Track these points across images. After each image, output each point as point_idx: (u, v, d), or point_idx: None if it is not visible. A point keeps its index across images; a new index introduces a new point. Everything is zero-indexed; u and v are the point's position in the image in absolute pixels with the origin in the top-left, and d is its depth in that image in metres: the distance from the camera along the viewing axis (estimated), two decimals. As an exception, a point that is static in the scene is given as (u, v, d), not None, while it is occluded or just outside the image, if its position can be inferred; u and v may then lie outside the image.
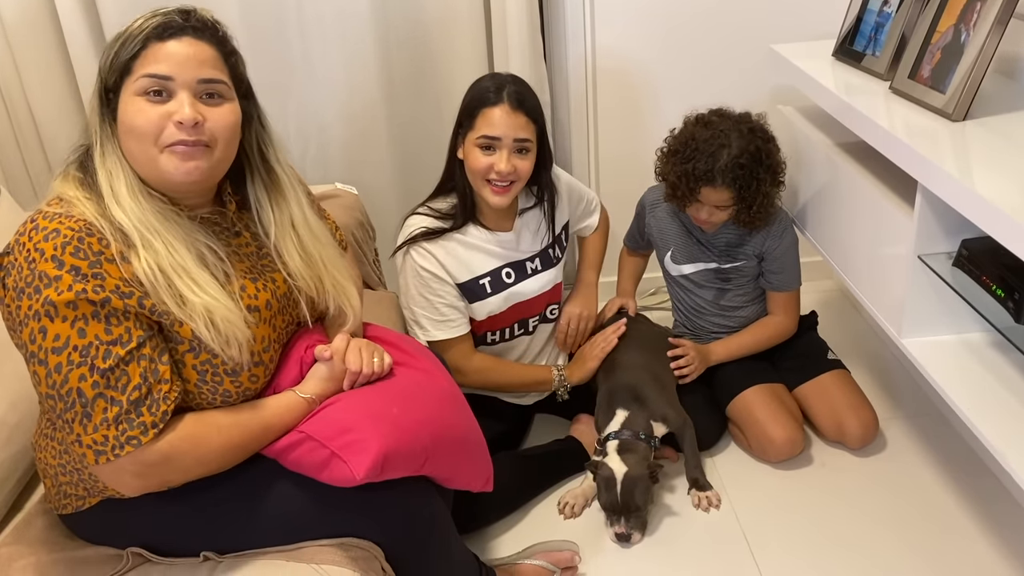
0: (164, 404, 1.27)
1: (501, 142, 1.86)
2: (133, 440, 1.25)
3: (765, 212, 2.02)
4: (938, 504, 1.99)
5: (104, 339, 1.23)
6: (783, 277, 2.15)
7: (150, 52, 1.28)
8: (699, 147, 1.96)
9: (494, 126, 1.85)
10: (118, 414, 1.24)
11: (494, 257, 2.02)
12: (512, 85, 1.87)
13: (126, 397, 1.24)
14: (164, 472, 1.30)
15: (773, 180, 2.00)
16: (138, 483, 1.31)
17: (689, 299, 2.25)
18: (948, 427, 2.21)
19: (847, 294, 2.79)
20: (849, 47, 2.03)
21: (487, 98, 1.85)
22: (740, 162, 1.93)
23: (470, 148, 1.89)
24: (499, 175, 1.88)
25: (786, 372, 2.21)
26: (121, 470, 1.27)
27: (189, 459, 1.31)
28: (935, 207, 1.57)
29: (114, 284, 1.23)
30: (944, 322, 1.69)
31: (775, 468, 2.11)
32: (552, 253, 2.11)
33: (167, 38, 1.29)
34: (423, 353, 1.63)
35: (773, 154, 2.00)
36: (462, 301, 2.01)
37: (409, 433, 1.40)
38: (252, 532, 1.41)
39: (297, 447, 1.37)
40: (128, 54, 1.28)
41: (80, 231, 1.24)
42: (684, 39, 2.49)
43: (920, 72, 1.74)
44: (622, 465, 1.88)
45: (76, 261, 1.22)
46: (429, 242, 1.95)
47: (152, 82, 1.28)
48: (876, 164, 1.82)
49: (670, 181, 2.05)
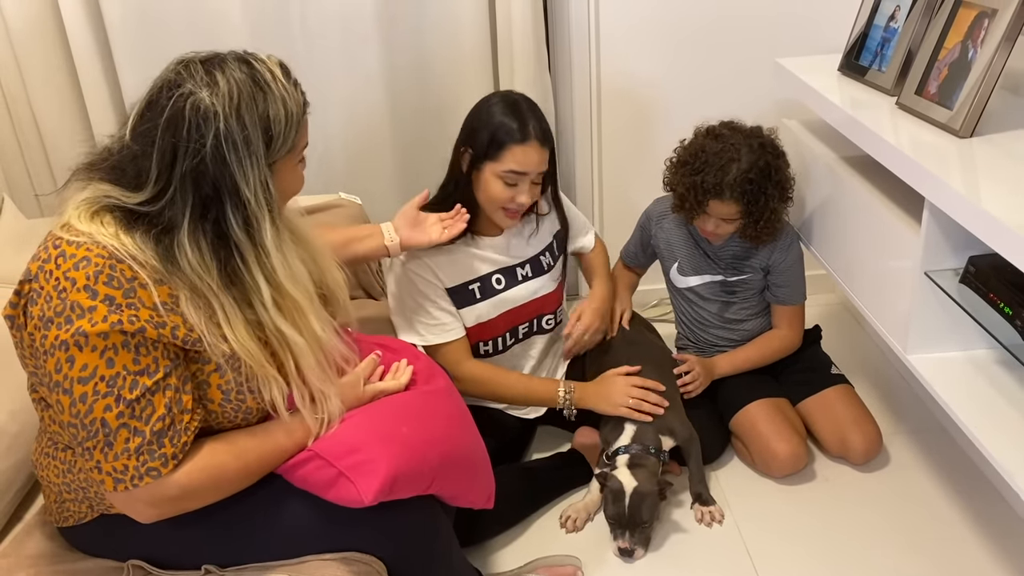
0: (185, 435, 1.27)
1: (527, 177, 1.88)
2: (153, 472, 1.24)
3: (772, 227, 2.01)
4: (942, 519, 1.98)
5: (132, 369, 1.21)
6: (789, 291, 2.14)
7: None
8: (709, 160, 1.96)
9: (523, 163, 1.86)
10: (140, 445, 1.23)
11: (485, 263, 2.02)
12: (534, 120, 1.87)
13: (149, 428, 1.23)
14: (180, 503, 1.30)
15: (781, 196, 2.00)
16: (152, 512, 1.30)
17: (694, 311, 2.24)
18: (952, 442, 2.20)
19: (850, 308, 2.78)
20: (855, 62, 2.03)
21: (513, 134, 1.84)
22: (749, 176, 1.92)
23: (490, 177, 1.89)
24: (520, 207, 1.91)
25: (790, 386, 2.21)
26: (136, 499, 1.27)
27: (206, 489, 1.31)
28: (942, 223, 1.56)
29: (148, 314, 1.22)
30: (950, 339, 1.68)
31: (778, 483, 2.10)
32: (543, 260, 2.10)
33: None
34: (432, 369, 1.62)
35: (782, 170, 1.99)
36: (454, 307, 2.01)
37: (418, 454, 1.39)
38: (255, 546, 1.40)
39: (304, 464, 1.36)
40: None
41: (110, 257, 1.21)
42: (689, 53, 2.49)
43: (927, 88, 1.74)
44: (632, 479, 1.87)
45: (110, 291, 1.20)
46: (424, 253, 1.96)
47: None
48: (882, 179, 1.81)
49: (678, 192, 2.05)
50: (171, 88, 1.24)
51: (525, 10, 2.30)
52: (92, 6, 2.18)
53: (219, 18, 2.24)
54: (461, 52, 2.40)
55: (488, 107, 1.90)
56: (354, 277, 2.14)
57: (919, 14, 1.84)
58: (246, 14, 2.25)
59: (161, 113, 1.23)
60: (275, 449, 1.36)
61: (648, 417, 1.96)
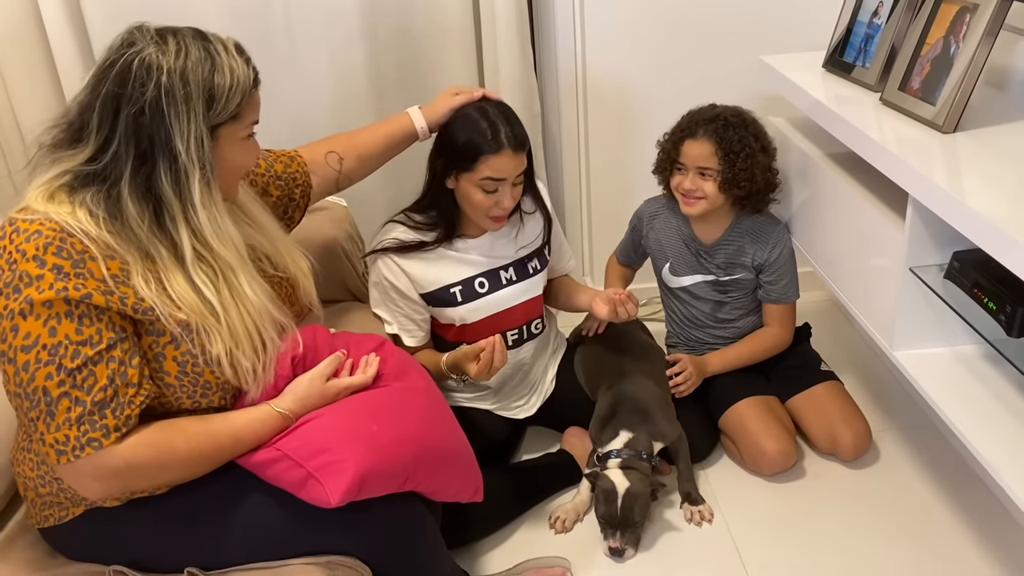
0: (129, 408, 1.27)
1: (505, 182, 1.87)
2: (94, 442, 1.25)
3: (752, 175, 1.98)
4: (931, 515, 1.98)
5: (74, 339, 1.24)
6: (780, 288, 2.13)
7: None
8: (689, 114, 2.05)
9: (499, 171, 1.85)
10: (81, 414, 1.24)
11: (467, 266, 2.00)
12: (506, 126, 1.84)
13: (91, 398, 1.24)
14: (126, 478, 1.31)
15: (760, 147, 2.00)
16: (99, 487, 1.31)
17: (686, 311, 2.24)
18: (940, 438, 2.20)
19: (838, 305, 2.77)
20: (839, 58, 2.03)
21: (487, 145, 1.83)
22: (724, 116, 1.97)
23: (469, 187, 1.88)
24: (504, 211, 1.90)
25: (779, 384, 2.20)
26: (81, 472, 1.27)
27: (152, 466, 1.31)
28: (926, 219, 1.56)
29: (96, 284, 1.24)
30: (936, 335, 1.68)
31: (768, 481, 2.09)
32: (529, 264, 2.07)
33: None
34: (407, 364, 1.61)
35: (762, 131, 2.02)
36: (424, 313, 2.02)
37: (388, 452, 1.38)
38: (237, 548, 1.40)
39: (274, 464, 1.36)
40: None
41: (61, 231, 1.25)
42: (674, 51, 2.48)
43: (910, 84, 1.74)
44: (624, 480, 1.86)
45: (59, 260, 1.23)
46: (399, 255, 1.95)
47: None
48: (867, 176, 1.81)
49: (659, 151, 2.11)
50: (124, 47, 1.29)
51: (509, 8, 2.29)
52: (73, 7, 2.17)
53: (200, 18, 2.20)
54: (446, 53, 2.39)
55: (458, 118, 1.88)
56: (340, 280, 2.13)
57: (902, 10, 1.84)
58: (226, 14, 2.24)
59: (111, 67, 1.28)
60: (230, 435, 1.37)
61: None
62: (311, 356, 1.51)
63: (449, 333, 2.06)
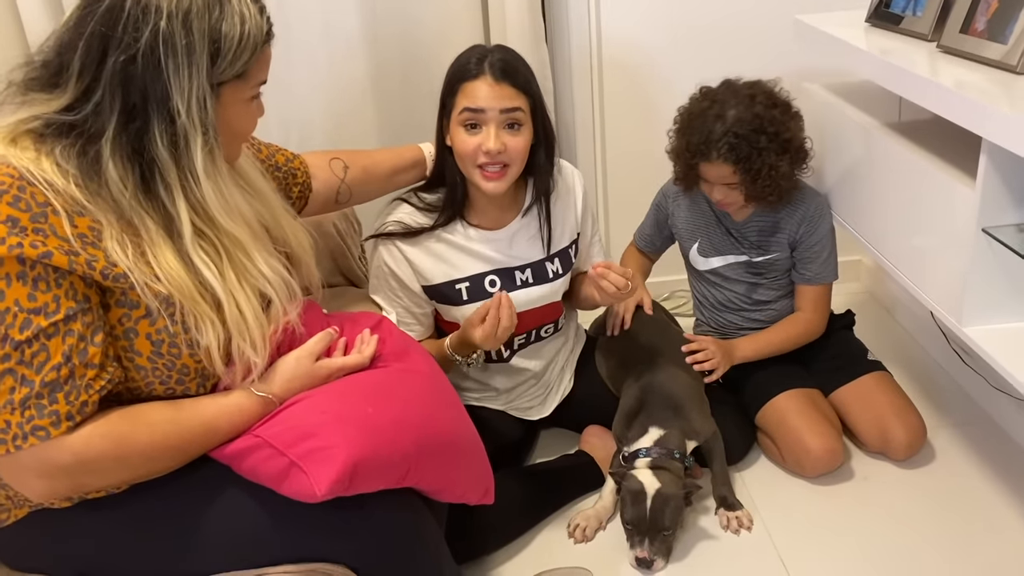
0: (86, 393, 1.09)
1: (486, 115, 1.66)
2: (40, 431, 1.06)
3: (776, 185, 1.82)
4: (995, 518, 1.80)
5: (25, 306, 1.06)
6: (816, 267, 1.95)
7: None
8: (694, 120, 1.84)
9: (476, 98, 1.66)
10: (26, 396, 1.06)
11: (479, 260, 1.81)
12: (496, 54, 1.68)
13: (40, 377, 1.06)
14: (76, 475, 1.12)
15: (780, 148, 1.80)
16: (42, 485, 1.12)
17: (718, 294, 2.06)
18: (1002, 435, 2.02)
19: (879, 297, 2.59)
20: (885, 10, 1.86)
21: (468, 71, 1.67)
22: (735, 131, 1.78)
23: (455, 130, 1.70)
24: (488, 155, 1.67)
25: (821, 375, 2.01)
26: (22, 466, 1.09)
27: (108, 461, 1.12)
28: (1002, 170, 1.38)
29: (57, 243, 1.06)
30: (1012, 306, 1.50)
31: (812, 483, 1.91)
32: (550, 268, 1.87)
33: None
34: (409, 346, 1.43)
35: (778, 120, 1.81)
36: (425, 307, 1.83)
37: (385, 438, 1.20)
38: (205, 555, 1.22)
39: (251, 453, 1.18)
40: None
41: (20, 178, 1.07)
42: (697, 17, 2.34)
43: (974, 25, 1.56)
44: (655, 480, 1.68)
45: (15, 212, 1.06)
46: (404, 241, 1.77)
47: None
48: (922, 138, 1.65)
49: (673, 161, 1.93)
50: None
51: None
52: (55, 8, 2.05)
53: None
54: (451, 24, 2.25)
55: (456, 58, 1.73)
56: (335, 263, 1.94)
57: (961, -53, 1.66)
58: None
59: (100, 2, 1.11)
60: (202, 424, 1.19)
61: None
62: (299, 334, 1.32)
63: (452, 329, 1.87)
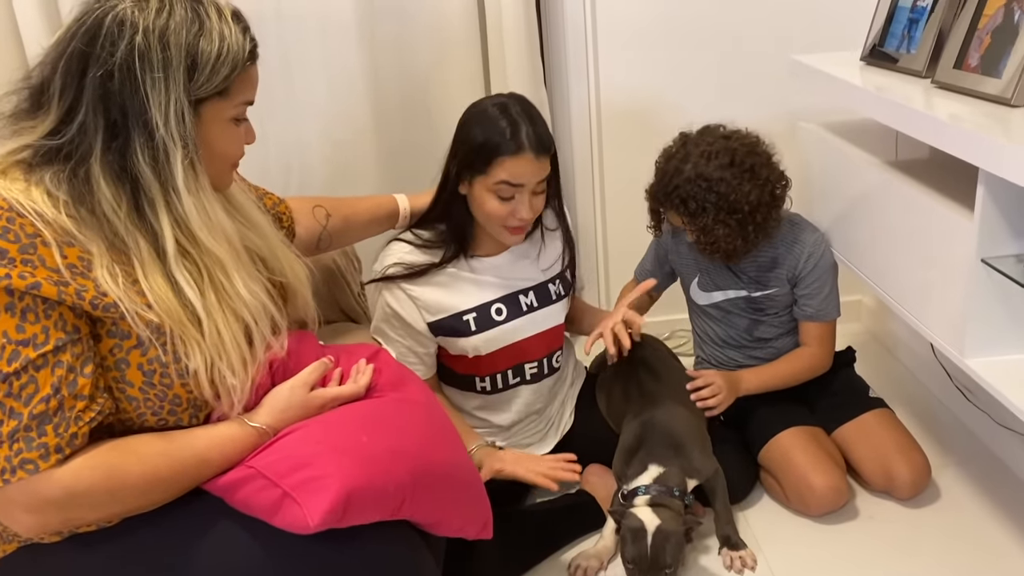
0: (75, 426, 1.06)
1: (523, 189, 1.70)
2: (28, 464, 1.04)
3: (720, 245, 1.81)
4: (1002, 556, 1.76)
5: (14, 337, 1.04)
6: (817, 303, 1.93)
7: None
8: (665, 164, 1.87)
9: (516, 175, 1.68)
10: (14, 429, 1.03)
11: (484, 289, 1.82)
12: (528, 125, 1.68)
13: (28, 410, 1.04)
14: (66, 509, 1.09)
15: (729, 209, 1.78)
16: (31, 520, 1.09)
17: (720, 329, 2.04)
18: (1008, 472, 1.98)
19: (880, 337, 2.58)
20: (880, 49, 1.87)
21: (505, 145, 1.66)
22: (686, 189, 1.79)
23: (483, 193, 1.71)
24: (523, 221, 1.73)
25: (823, 413, 1.98)
26: (10, 501, 1.06)
27: (98, 493, 1.09)
28: (1000, 201, 1.38)
29: (47, 273, 1.05)
30: (1013, 338, 1.48)
31: (816, 522, 1.87)
32: (552, 289, 1.89)
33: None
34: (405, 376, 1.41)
35: (727, 182, 1.77)
36: (429, 347, 1.84)
37: (380, 468, 1.17)
38: None
39: (244, 485, 1.15)
40: None
41: (9, 209, 1.06)
42: (693, 60, 2.35)
43: (967, 61, 1.57)
44: (655, 517, 1.64)
45: (3, 244, 1.04)
46: (407, 280, 1.77)
47: None
48: (920, 175, 1.66)
49: (646, 199, 1.96)
50: (100, 2, 1.14)
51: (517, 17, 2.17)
52: (51, 6, 2.06)
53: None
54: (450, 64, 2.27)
55: (475, 115, 1.72)
56: (334, 300, 1.93)
57: (953, -13, 1.68)
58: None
59: (82, 24, 1.12)
60: (195, 456, 1.16)
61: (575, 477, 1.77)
62: (294, 363, 1.31)
63: (460, 365, 1.88)
